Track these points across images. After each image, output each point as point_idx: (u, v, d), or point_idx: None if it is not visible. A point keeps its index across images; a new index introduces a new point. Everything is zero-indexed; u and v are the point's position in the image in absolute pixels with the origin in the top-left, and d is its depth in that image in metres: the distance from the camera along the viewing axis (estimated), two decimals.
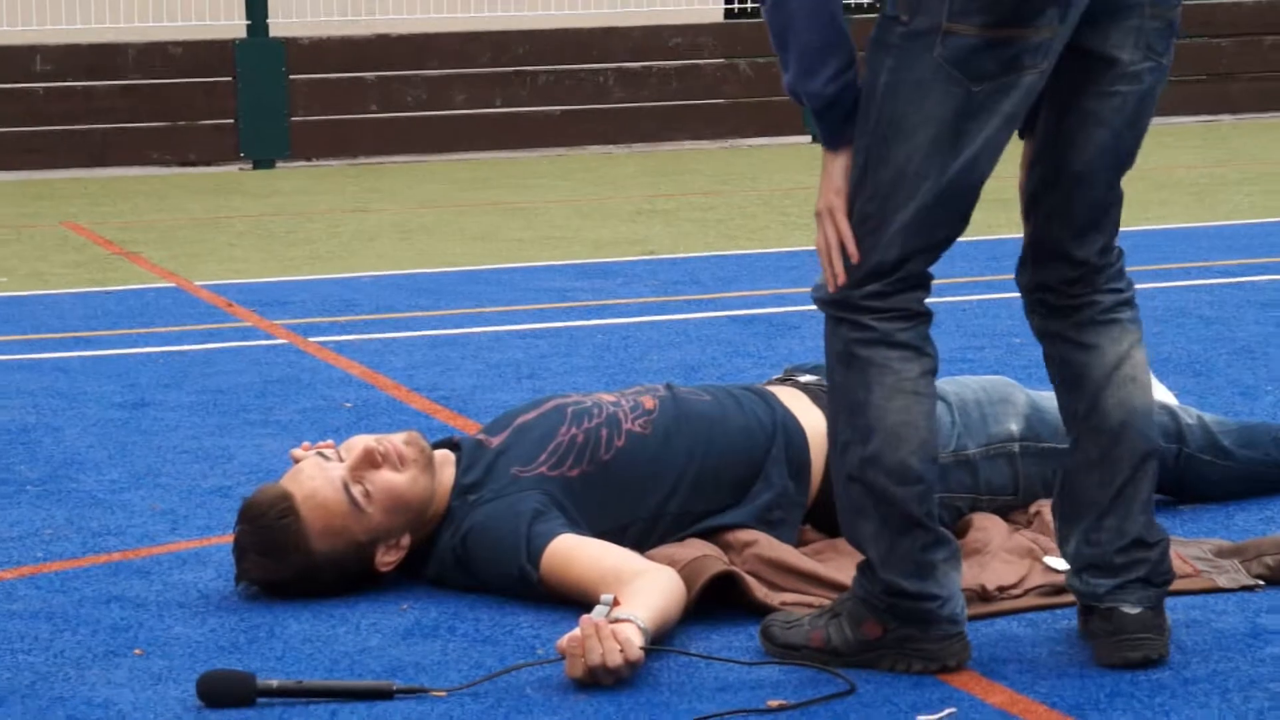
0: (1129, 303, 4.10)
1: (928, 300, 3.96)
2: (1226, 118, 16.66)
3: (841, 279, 3.89)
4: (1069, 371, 4.10)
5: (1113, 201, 4.04)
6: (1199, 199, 11.82)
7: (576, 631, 3.87)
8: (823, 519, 4.73)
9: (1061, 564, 4.49)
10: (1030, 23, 3.72)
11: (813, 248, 3.74)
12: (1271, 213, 10.64)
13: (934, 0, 3.70)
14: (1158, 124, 13.76)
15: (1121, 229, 4.03)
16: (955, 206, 3.88)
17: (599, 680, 3.85)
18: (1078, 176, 3.99)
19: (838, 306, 3.94)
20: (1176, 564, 4.52)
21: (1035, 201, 4.08)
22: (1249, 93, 16.78)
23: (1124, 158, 4.01)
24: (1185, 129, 15.91)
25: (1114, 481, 3.97)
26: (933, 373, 3.98)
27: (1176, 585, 4.44)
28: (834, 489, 4.09)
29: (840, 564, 4.44)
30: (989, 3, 3.69)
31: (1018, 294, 4.12)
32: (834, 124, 3.92)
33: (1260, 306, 7.72)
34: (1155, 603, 3.96)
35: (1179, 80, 16.54)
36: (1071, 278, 4.05)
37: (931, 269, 3.96)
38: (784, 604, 4.32)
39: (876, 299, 3.89)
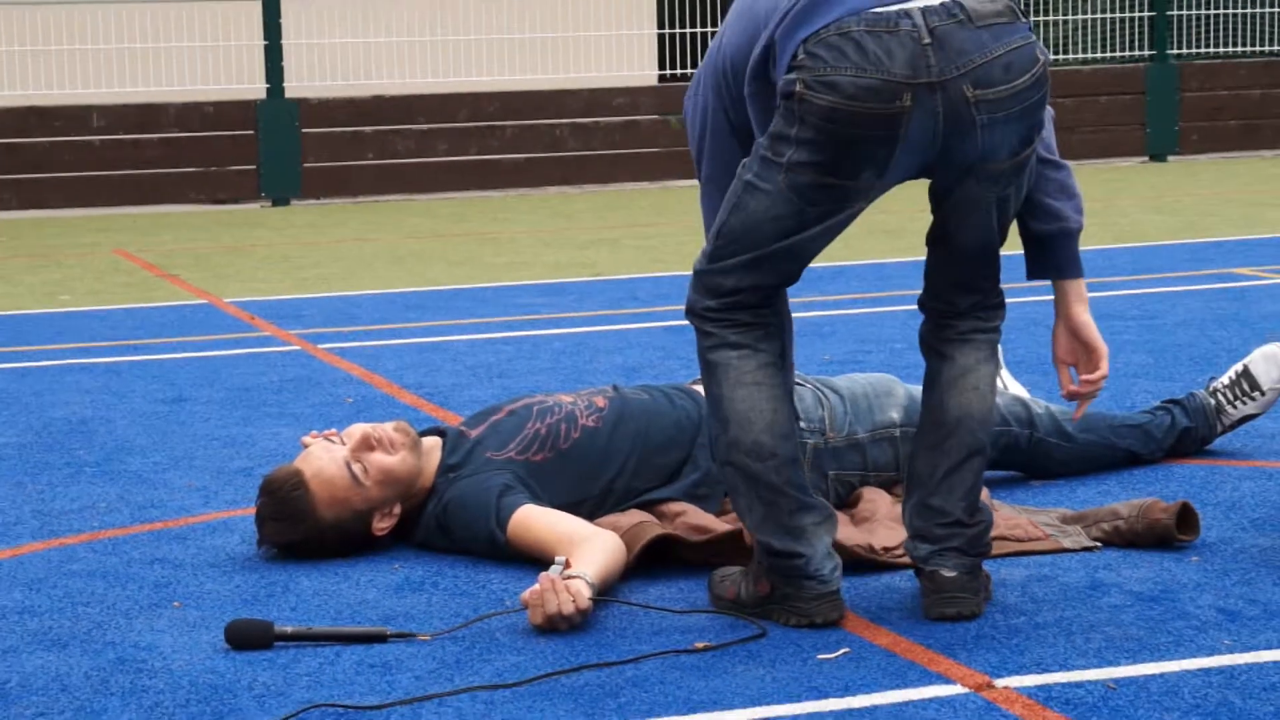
0: (986, 330, 4.15)
1: (768, 313, 4.02)
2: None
3: None
4: (928, 373, 4.15)
5: (985, 272, 4.09)
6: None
7: (536, 586, 3.91)
8: None
9: None
10: (852, 178, 3.82)
11: None
12: (1105, 241, 10.65)
13: (783, 146, 3.77)
14: None
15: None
16: (786, 265, 3.96)
17: (556, 626, 3.89)
18: (961, 251, 4.05)
19: (691, 316, 4.03)
20: (1028, 529, 4.54)
21: (929, 258, 4.14)
22: (1086, 144, 16.78)
23: (995, 239, 4.04)
24: None
25: (942, 466, 4.02)
26: (771, 365, 3.99)
27: (1030, 546, 4.47)
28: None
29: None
30: (819, 160, 3.76)
31: (900, 308, 4.18)
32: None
33: (1097, 318, 7.73)
34: (970, 568, 3.98)
35: None
36: (946, 311, 4.12)
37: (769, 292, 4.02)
38: (711, 557, 4.34)
39: (714, 313, 3.96)
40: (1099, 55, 18.48)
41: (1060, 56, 17.97)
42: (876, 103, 3.71)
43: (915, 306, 4.17)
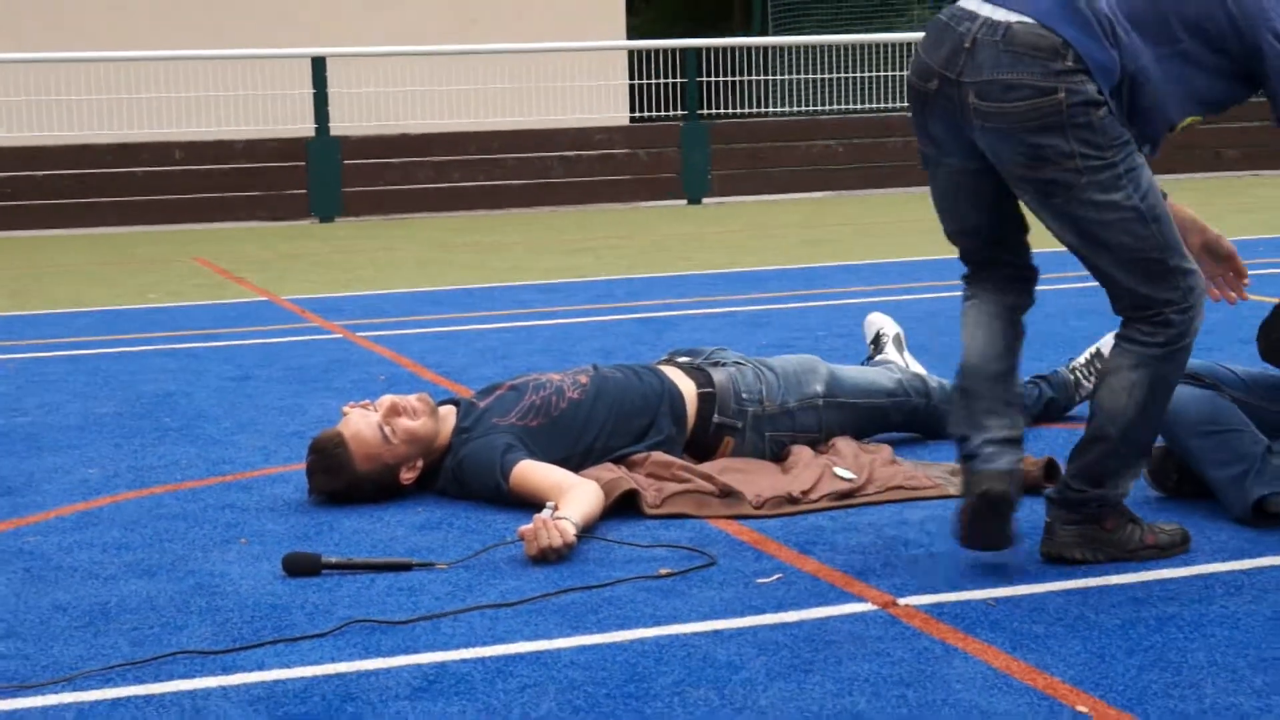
0: (1138, 342, 3.79)
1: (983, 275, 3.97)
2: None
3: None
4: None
5: (1100, 279, 3.86)
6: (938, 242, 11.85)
7: (531, 524, 3.93)
8: (692, 449, 4.74)
9: (847, 473, 4.50)
10: (921, 140, 3.83)
11: (685, 272, 3.78)
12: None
13: None
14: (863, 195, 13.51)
15: (885, 261, 4.05)
16: (949, 233, 3.97)
17: (547, 557, 3.91)
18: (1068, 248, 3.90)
19: None
20: (923, 479, 4.55)
21: None
22: (856, 175, 16.72)
23: (1078, 249, 3.83)
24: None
25: (1079, 442, 3.93)
26: (989, 314, 3.93)
27: (925, 493, 4.47)
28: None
29: (699, 471, 4.48)
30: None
31: (822, 304, 4.15)
32: None
33: None
34: (1066, 521, 3.82)
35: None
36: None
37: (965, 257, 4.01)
38: (667, 502, 4.34)
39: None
40: None
41: None
42: (916, 79, 3.73)
43: (837, 303, 4.15)
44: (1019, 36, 3.55)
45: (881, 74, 17.66)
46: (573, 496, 4.18)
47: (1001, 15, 3.58)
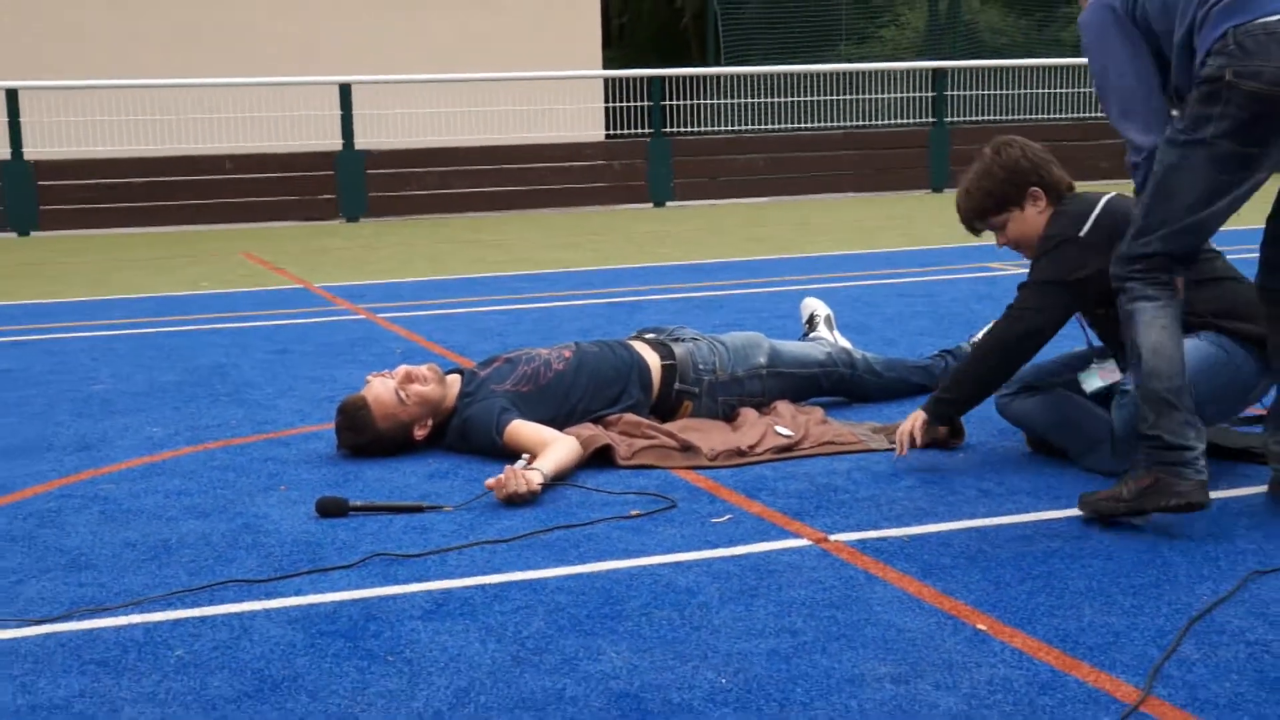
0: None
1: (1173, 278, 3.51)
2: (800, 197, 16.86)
3: None
4: None
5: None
6: (862, 238, 11.88)
7: (501, 475, 3.97)
8: (657, 411, 4.74)
9: (786, 431, 4.51)
10: (1262, 145, 3.38)
11: (651, 264, 3.76)
12: (901, 245, 10.69)
13: (1205, 124, 3.35)
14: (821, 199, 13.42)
15: (817, 255, 4.01)
16: (1192, 238, 3.49)
17: (514, 502, 3.94)
18: None
19: (1119, 280, 3.53)
20: (849, 436, 4.54)
21: None
22: (794, 182, 16.77)
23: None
24: (837, 201, 15.99)
25: None
26: (1175, 316, 3.49)
27: (850, 447, 4.46)
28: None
29: (663, 429, 4.46)
30: (1240, 133, 3.32)
31: (765, 290, 4.11)
32: None
33: (897, 296, 7.75)
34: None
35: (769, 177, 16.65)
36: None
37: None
38: (636, 455, 4.33)
39: (1140, 273, 3.49)
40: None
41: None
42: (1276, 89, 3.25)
43: (778, 289, 4.12)
44: None
45: (815, 99, 17.66)
46: (550, 450, 4.19)
47: None
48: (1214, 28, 3.32)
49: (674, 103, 16.85)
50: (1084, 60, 3.68)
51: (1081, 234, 3.95)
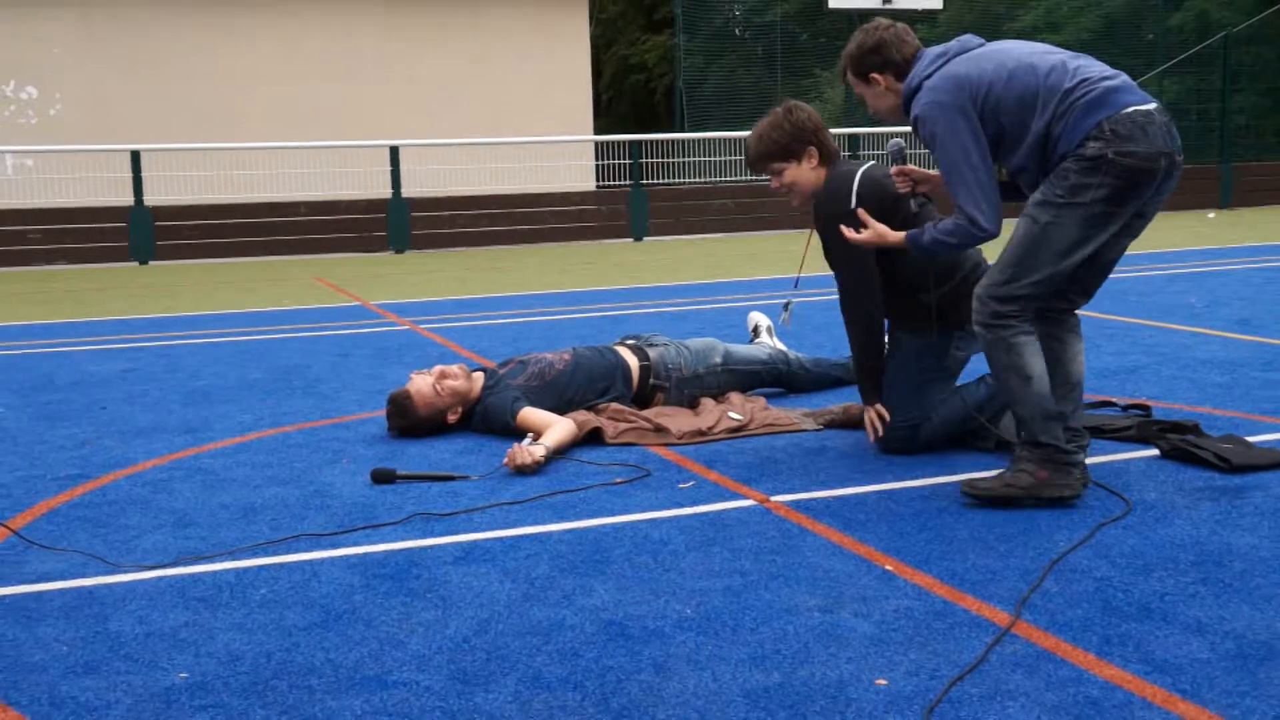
0: (1075, 318, 3.56)
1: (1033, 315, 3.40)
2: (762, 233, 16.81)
3: None
4: (1054, 350, 3.50)
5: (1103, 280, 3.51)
6: (795, 265, 11.88)
7: (511, 450, 3.94)
8: (636, 401, 4.70)
9: (737, 416, 4.47)
10: (1125, 207, 3.28)
11: (631, 286, 3.66)
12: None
13: (1085, 192, 3.24)
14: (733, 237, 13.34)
15: (761, 279, 3.97)
16: (1057, 282, 3.37)
17: (522, 471, 3.90)
18: (1105, 266, 3.48)
19: (994, 318, 3.35)
20: (784, 419, 4.51)
21: (1075, 272, 3.43)
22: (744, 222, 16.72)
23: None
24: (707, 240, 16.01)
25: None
26: (1038, 344, 3.37)
27: (787, 428, 4.41)
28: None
29: (641, 415, 4.42)
30: (1114, 198, 3.24)
31: (713, 307, 4.09)
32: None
33: (822, 311, 7.75)
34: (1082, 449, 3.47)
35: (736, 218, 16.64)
36: (1067, 309, 3.53)
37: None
38: (620, 435, 4.30)
39: (1016, 315, 3.34)
40: None
41: None
42: (1153, 164, 3.20)
43: (730, 305, 4.07)
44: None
45: None
46: (551, 430, 4.16)
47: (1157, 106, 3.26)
48: (1084, 119, 3.22)
49: (649, 160, 16.87)
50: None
51: (851, 207, 3.85)
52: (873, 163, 4.04)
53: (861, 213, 3.65)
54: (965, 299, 3.84)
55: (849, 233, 3.63)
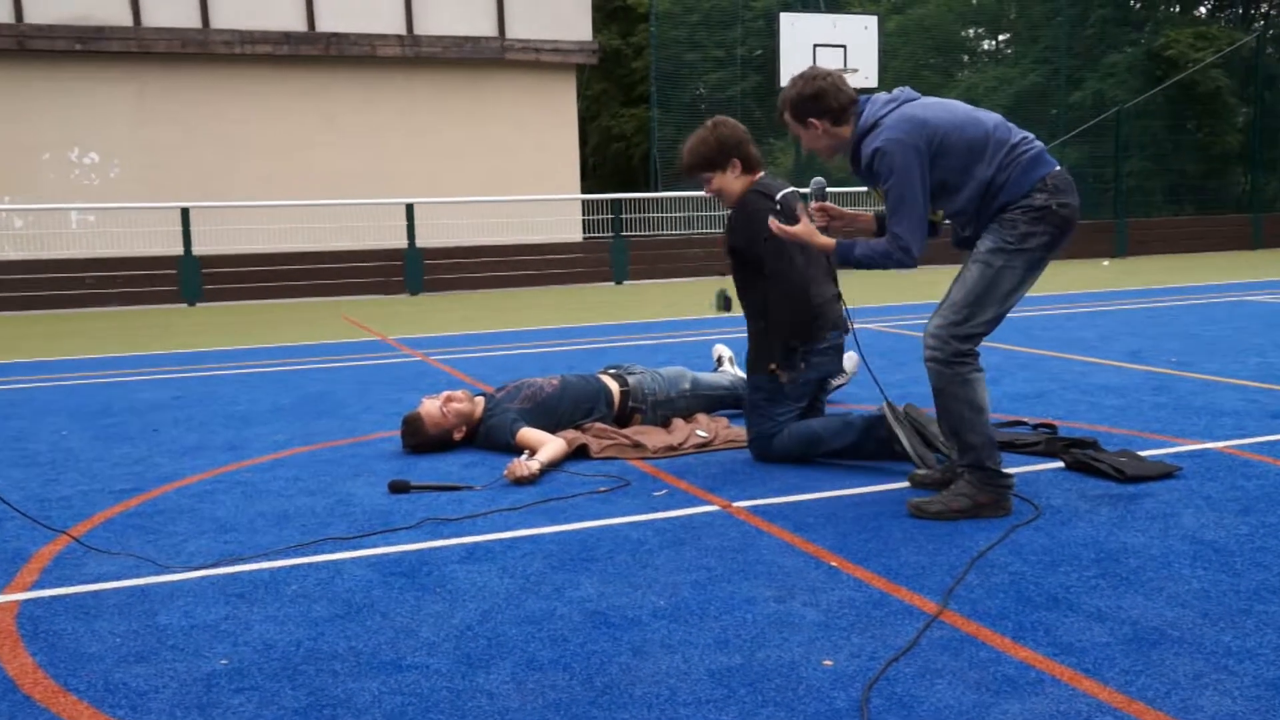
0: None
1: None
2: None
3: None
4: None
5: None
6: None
7: (510, 464, 3.89)
8: (617, 422, 4.68)
9: (704, 433, 4.45)
10: (1053, 252, 3.23)
11: (613, 322, 3.61)
12: None
13: (1031, 239, 3.17)
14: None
15: (723, 316, 3.96)
16: (1000, 319, 3.26)
17: (521, 483, 3.86)
18: None
19: (954, 356, 3.23)
20: (732, 435, 4.48)
21: None
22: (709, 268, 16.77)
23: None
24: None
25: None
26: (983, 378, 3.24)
27: (733, 445, 4.36)
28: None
29: (621, 433, 4.40)
30: (1051, 244, 3.18)
31: (677, 341, 4.07)
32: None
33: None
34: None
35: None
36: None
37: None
38: (603, 450, 4.29)
39: (969, 354, 3.23)
40: None
41: None
42: (1077, 216, 3.18)
43: (697, 339, 4.05)
44: None
45: (721, 213, 17.74)
46: (545, 448, 4.13)
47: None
48: (1029, 172, 3.17)
49: (629, 215, 16.92)
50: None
51: (777, 203, 3.87)
52: (792, 189, 4.05)
53: (774, 222, 3.49)
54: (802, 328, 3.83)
55: (777, 225, 3.46)
